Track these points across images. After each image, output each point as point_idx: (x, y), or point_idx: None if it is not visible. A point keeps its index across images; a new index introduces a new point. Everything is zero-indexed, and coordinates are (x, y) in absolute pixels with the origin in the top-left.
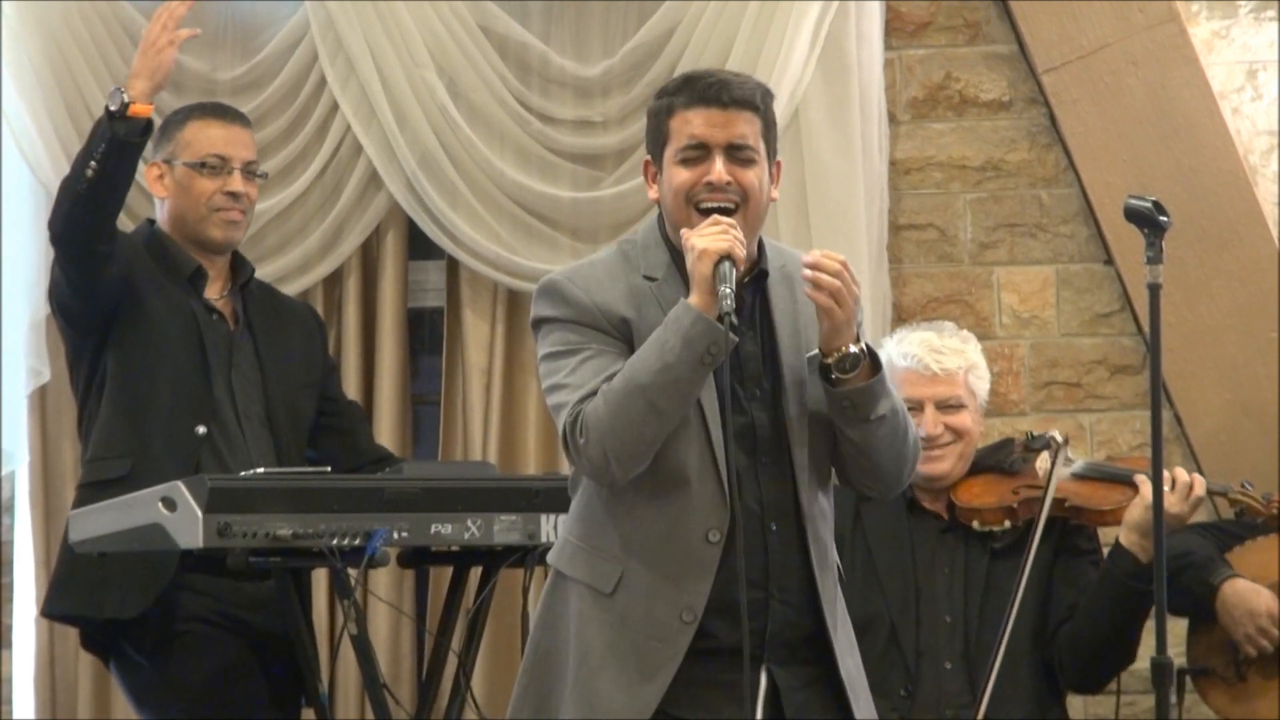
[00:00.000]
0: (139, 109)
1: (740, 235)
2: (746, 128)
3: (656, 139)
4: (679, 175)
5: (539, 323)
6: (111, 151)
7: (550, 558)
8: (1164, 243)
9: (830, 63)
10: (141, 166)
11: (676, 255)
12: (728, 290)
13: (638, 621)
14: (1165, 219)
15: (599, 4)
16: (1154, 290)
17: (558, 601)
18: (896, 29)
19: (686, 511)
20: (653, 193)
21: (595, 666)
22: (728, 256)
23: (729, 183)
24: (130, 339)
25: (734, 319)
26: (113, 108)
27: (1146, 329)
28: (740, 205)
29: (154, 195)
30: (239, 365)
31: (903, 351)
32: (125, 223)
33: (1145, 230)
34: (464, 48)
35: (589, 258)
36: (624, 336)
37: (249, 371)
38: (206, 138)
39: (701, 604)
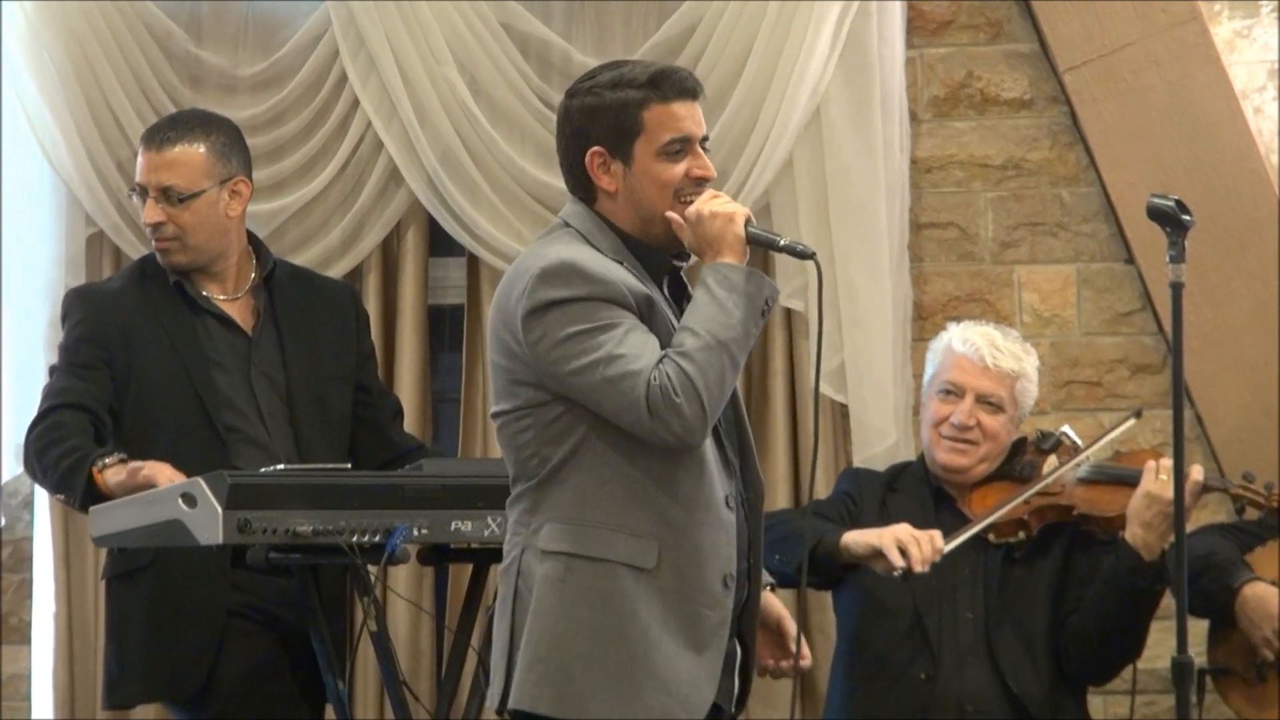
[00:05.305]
0: (100, 479)
1: None
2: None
3: (621, 130)
4: (669, 170)
5: (552, 305)
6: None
7: (557, 544)
8: (1185, 241)
9: (851, 61)
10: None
11: (625, 238)
12: (781, 239)
13: (690, 592)
14: (1188, 218)
15: (620, 2)
16: (1177, 289)
17: (575, 585)
18: (918, 28)
19: (711, 480)
20: (606, 183)
21: (654, 641)
22: (748, 217)
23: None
24: (128, 411)
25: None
26: (94, 465)
27: (1168, 328)
28: None
29: None
30: (258, 366)
31: (964, 338)
32: (135, 244)
33: (1168, 229)
34: (485, 45)
35: (557, 244)
36: (643, 313)
37: (270, 370)
38: (137, 166)
39: (734, 568)
